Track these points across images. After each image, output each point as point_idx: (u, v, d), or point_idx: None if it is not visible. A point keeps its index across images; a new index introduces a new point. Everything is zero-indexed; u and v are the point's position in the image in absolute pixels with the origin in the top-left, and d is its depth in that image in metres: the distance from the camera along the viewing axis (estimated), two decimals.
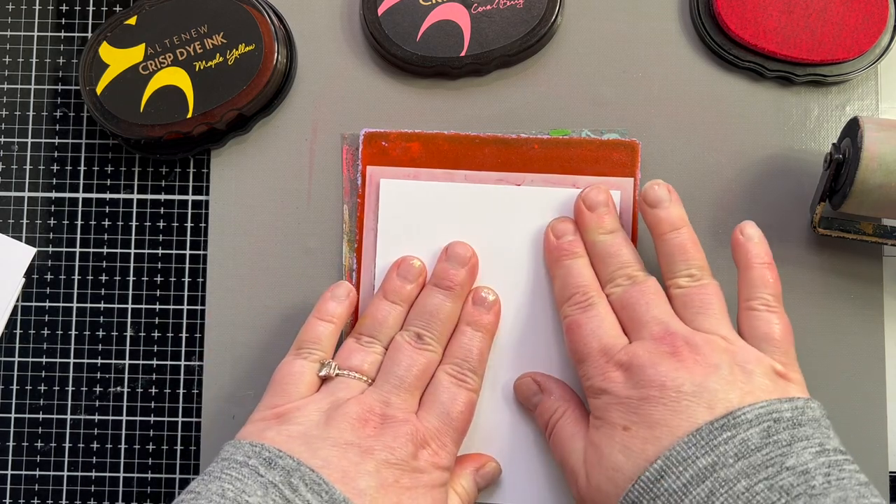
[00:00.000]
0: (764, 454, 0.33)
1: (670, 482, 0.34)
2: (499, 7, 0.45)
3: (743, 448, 0.34)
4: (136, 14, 0.45)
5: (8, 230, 0.47)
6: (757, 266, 0.40)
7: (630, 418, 0.37)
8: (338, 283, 0.43)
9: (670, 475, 0.34)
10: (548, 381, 0.43)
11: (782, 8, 0.45)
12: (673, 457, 0.34)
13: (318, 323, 0.42)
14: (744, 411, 0.35)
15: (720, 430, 0.34)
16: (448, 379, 0.41)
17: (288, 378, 0.41)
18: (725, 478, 0.33)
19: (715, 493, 0.33)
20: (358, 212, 0.45)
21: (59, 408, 0.46)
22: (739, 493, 0.33)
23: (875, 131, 0.40)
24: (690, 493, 0.33)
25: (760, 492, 0.32)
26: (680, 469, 0.34)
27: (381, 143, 0.45)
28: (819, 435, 0.35)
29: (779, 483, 0.32)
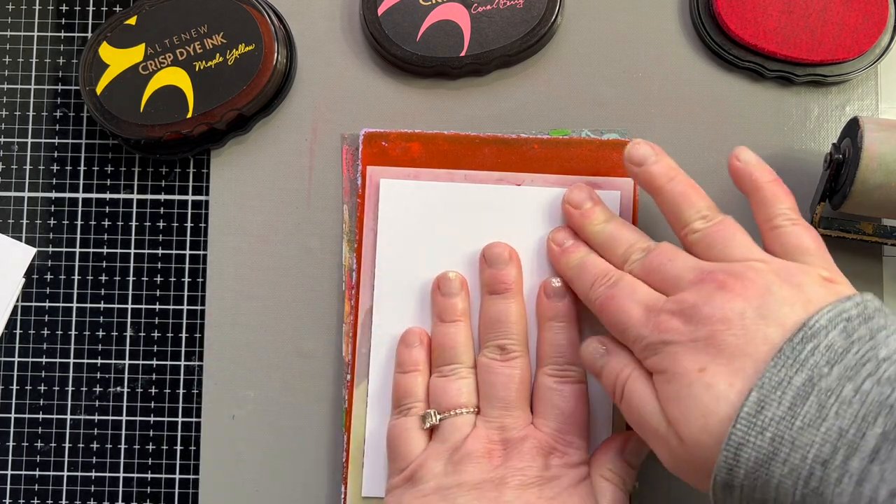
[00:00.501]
0: (854, 354, 0.32)
1: (773, 410, 0.31)
2: (499, 7, 0.45)
3: (832, 354, 0.32)
4: (136, 14, 0.45)
5: (8, 230, 0.47)
6: (766, 185, 0.39)
7: (703, 359, 0.34)
8: (406, 331, 0.44)
9: (771, 403, 0.32)
10: (613, 342, 0.39)
11: (782, 8, 0.45)
12: (766, 384, 0.32)
13: (404, 377, 0.43)
14: (815, 319, 0.33)
15: (802, 343, 0.32)
16: (551, 381, 0.41)
17: (399, 440, 0.41)
18: (829, 387, 0.31)
19: (824, 405, 0.31)
20: (358, 212, 0.45)
21: (59, 408, 0.46)
22: (850, 398, 0.31)
23: (875, 131, 0.40)
24: (798, 413, 0.31)
25: (870, 390, 0.31)
26: (779, 393, 0.32)
27: (381, 143, 0.45)
28: (892, 321, 0.33)
29: (884, 376, 0.31)
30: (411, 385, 0.42)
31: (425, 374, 0.43)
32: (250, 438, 0.45)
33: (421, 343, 0.43)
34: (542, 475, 0.39)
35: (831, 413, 0.31)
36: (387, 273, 0.44)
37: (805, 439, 0.31)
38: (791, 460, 0.31)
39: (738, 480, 0.32)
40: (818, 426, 0.31)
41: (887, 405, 0.30)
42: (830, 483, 0.30)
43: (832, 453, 0.30)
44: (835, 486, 0.30)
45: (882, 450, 0.29)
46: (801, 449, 0.31)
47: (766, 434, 0.31)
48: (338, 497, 0.44)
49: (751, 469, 0.32)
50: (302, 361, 0.46)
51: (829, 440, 0.30)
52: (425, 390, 0.42)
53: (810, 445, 0.31)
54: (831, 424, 0.30)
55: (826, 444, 0.30)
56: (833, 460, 0.30)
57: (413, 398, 0.42)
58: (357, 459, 0.44)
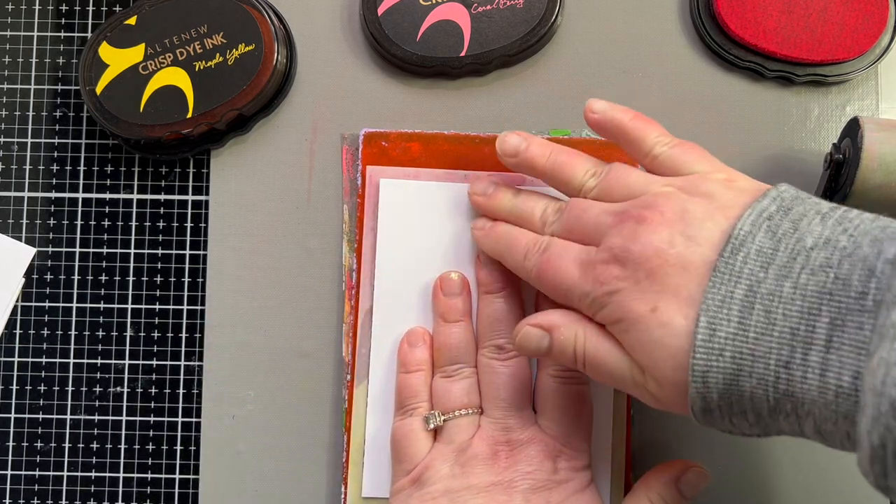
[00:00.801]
0: (784, 251, 0.32)
1: (725, 329, 0.32)
2: (499, 7, 0.45)
3: (763, 257, 0.32)
4: (136, 14, 0.45)
5: (8, 230, 0.47)
6: (629, 123, 0.39)
7: (650, 297, 0.34)
8: (409, 331, 0.43)
9: (720, 322, 0.32)
10: (544, 316, 0.38)
11: (782, 8, 0.45)
12: (711, 305, 0.32)
13: (408, 376, 0.42)
14: (739, 227, 0.33)
15: (732, 254, 0.32)
16: (555, 382, 0.41)
17: (404, 441, 0.41)
18: (769, 291, 0.31)
19: (770, 310, 0.31)
20: (358, 212, 0.45)
21: (58, 408, 0.46)
22: (791, 296, 0.31)
23: (875, 131, 0.40)
24: (749, 325, 0.31)
25: (808, 282, 0.31)
26: (725, 311, 0.32)
27: (381, 143, 0.45)
28: (810, 206, 0.33)
29: (816, 264, 0.31)
30: (416, 385, 0.42)
31: (429, 373, 0.43)
32: (250, 438, 0.45)
33: (424, 343, 0.43)
34: (551, 479, 0.39)
35: (779, 316, 0.31)
36: (387, 273, 0.44)
37: (762, 348, 0.31)
38: (756, 371, 0.31)
39: (713, 403, 0.32)
40: (771, 332, 0.31)
41: (827, 292, 0.30)
42: (797, 381, 0.30)
43: (791, 354, 0.30)
44: (801, 384, 0.30)
45: (834, 338, 0.29)
46: (762, 358, 0.31)
47: (726, 354, 0.32)
48: (338, 497, 0.44)
49: (722, 391, 0.32)
50: (302, 361, 0.46)
51: (784, 342, 0.31)
52: (429, 390, 0.42)
53: (769, 352, 0.31)
54: (782, 327, 0.31)
55: (783, 347, 0.31)
56: (793, 360, 0.30)
57: (418, 398, 0.42)
58: (357, 460, 0.44)
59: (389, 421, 0.43)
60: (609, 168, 0.38)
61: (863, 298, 0.29)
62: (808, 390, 0.30)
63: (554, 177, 0.40)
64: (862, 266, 0.30)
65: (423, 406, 0.42)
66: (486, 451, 0.39)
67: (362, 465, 0.44)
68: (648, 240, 0.34)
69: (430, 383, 0.42)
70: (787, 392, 0.31)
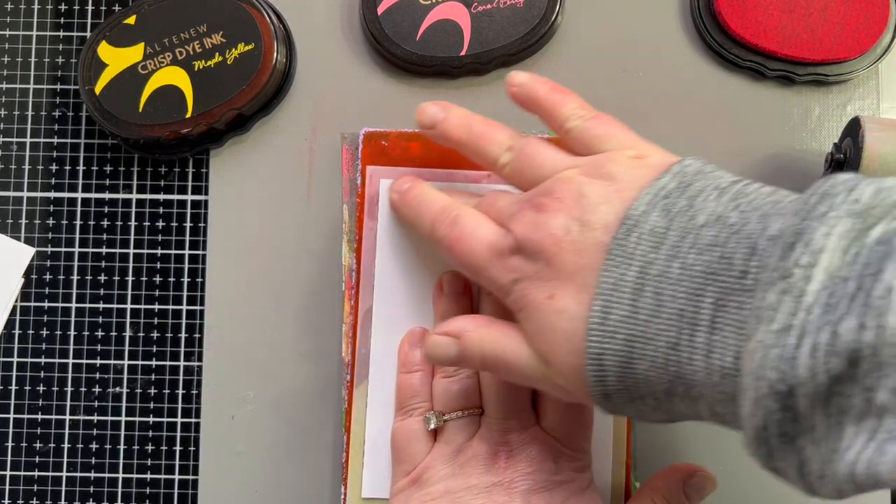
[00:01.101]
0: (675, 230, 0.31)
1: (617, 311, 0.31)
2: (499, 6, 0.45)
3: (655, 237, 0.31)
4: (136, 13, 0.45)
5: (7, 230, 0.47)
6: (546, 95, 0.38)
7: (549, 285, 0.33)
8: (410, 331, 0.43)
9: (613, 304, 0.31)
10: (451, 323, 0.38)
11: (783, 7, 0.45)
12: (605, 288, 0.32)
13: (408, 377, 0.42)
14: (633, 208, 0.32)
15: (626, 235, 0.32)
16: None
17: (404, 441, 0.41)
18: (659, 272, 0.31)
19: (660, 291, 0.31)
20: (358, 212, 0.45)
21: (58, 408, 0.46)
22: (679, 276, 0.30)
23: (876, 131, 0.40)
24: (640, 307, 0.31)
25: (695, 262, 0.30)
26: (618, 294, 0.31)
27: (381, 142, 0.45)
28: (710, 180, 0.33)
29: (703, 243, 0.30)
30: (415, 385, 0.42)
31: (429, 374, 0.42)
32: (250, 438, 0.45)
33: (423, 342, 0.43)
34: (551, 479, 0.38)
35: (667, 297, 0.30)
36: (387, 273, 0.44)
37: (652, 330, 0.31)
38: (647, 353, 0.31)
39: (612, 388, 0.32)
40: (659, 314, 0.31)
41: (711, 272, 0.30)
42: (685, 363, 0.30)
43: (678, 335, 0.30)
44: (689, 365, 0.30)
45: (717, 318, 0.29)
46: (652, 340, 0.31)
47: (618, 337, 0.31)
48: (338, 497, 0.44)
49: (618, 374, 0.32)
50: (302, 361, 0.45)
51: (672, 324, 0.30)
52: (427, 387, 0.42)
53: (658, 334, 0.30)
54: (670, 308, 0.30)
55: (671, 329, 0.30)
56: (681, 342, 0.30)
57: (418, 398, 0.42)
58: (357, 460, 0.44)
59: (389, 421, 0.43)
60: (524, 142, 0.38)
61: (743, 277, 0.29)
62: (696, 372, 0.30)
63: (471, 148, 0.40)
64: (746, 243, 0.29)
65: (422, 406, 0.42)
66: (487, 451, 0.39)
67: (362, 466, 0.44)
68: (546, 227, 0.34)
69: (431, 383, 0.42)
70: (677, 374, 0.30)
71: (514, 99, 0.39)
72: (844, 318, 0.25)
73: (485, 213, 0.38)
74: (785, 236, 0.28)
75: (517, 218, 0.36)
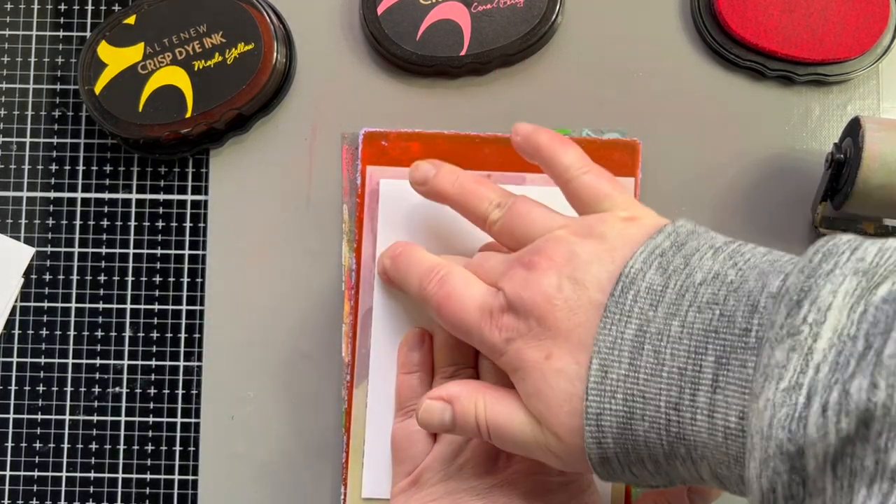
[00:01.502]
0: (673, 288, 0.31)
1: (616, 370, 0.31)
2: (499, 6, 0.45)
3: (653, 295, 0.31)
4: (135, 13, 0.45)
5: (7, 230, 0.47)
6: (546, 144, 0.38)
7: (545, 344, 0.33)
8: (409, 333, 0.43)
9: (612, 364, 0.31)
10: (445, 388, 0.38)
11: (783, 7, 0.45)
12: (603, 346, 0.32)
13: (408, 377, 0.42)
14: (629, 266, 0.32)
15: (622, 294, 0.32)
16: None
17: (404, 442, 0.41)
18: (658, 330, 0.31)
19: (659, 350, 0.30)
20: (358, 212, 0.45)
21: (57, 408, 0.46)
22: (678, 335, 0.30)
23: (876, 131, 0.40)
24: (639, 366, 0.31)
25: (694, 320, 0.30)
26: (616, 352, 0.31)
27: (380, 142, 0.45)
28: (704, 240, 0.33)
29: (703, 301, 0.30)
30: (415, 386, 0.42)
31: (428, 374, 0.42)
32: (250, 439, 0.45)
33: (423, 344, 0.43)
34: (552, 480, 0.38)
35: (667, 355, 0.30)
36: None
37: (652, 389, 0.30)
38: (648, 414, 0.31)
39: (610, 450, 0.32)
40: (660, 373, 0.30)
41: (712, 330, 0.30)
42: (687, 423, 0.30)
43: (679, 395, 0.30)
44: (691, 426, 0.30)
45: (720, 377, 0.29)
46: (653, 400, 0.30)
47: (618, 396, 0.31)
48: (338, 497, 0.44)
49: (616, 435, 0.31)
50: (302, 361, 0.45)
51: (673, 383, 0.30)
52: (427, 388, 0.42)
53: (658, 393, 0.30)
54: (671, 367, 0.30)
55: (672, 388, 0.30)
56: (682, 401, 0.30)
57: (416, 399, 0.41)
58: (357, 460, 0.44)
59: (389, 421, 0.43)
60: (514, 201, 0.38)
61: (746, 335, 0.29)
62: (699, 432, 0.29)
63: (461, 205, 0.40)
64: (746, 301, 0.29)
65: None
66: (486, 452, 0.39)
67: (362, 466, 0.44)
68: (536, 286, 0.34)
69: (430, 384, 0.42)
70: (679, 435, 0.30)
71: (517, 148, 0.40)
72: (855, 377, 0.25)
73: (474, 273, 0.38)
74: (790, 294, 0.28)
75: (508, 276, 0.36)
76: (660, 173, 0.46)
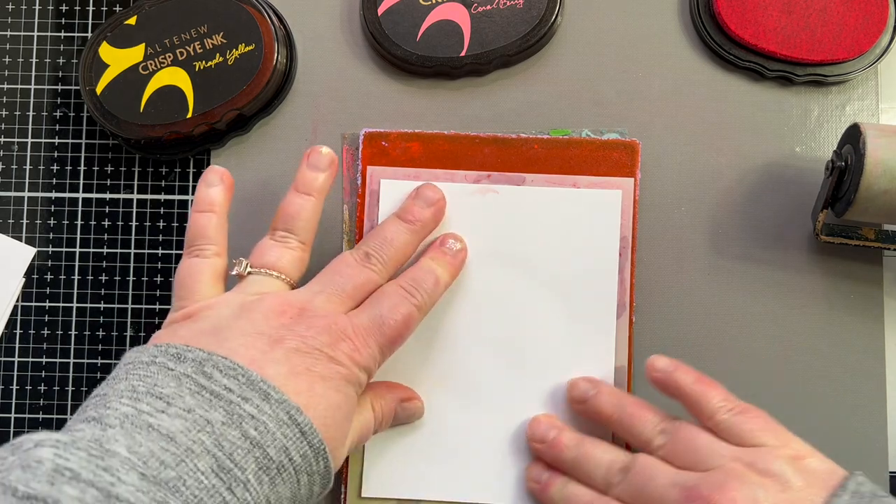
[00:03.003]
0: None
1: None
2: (499, 7, 0.45)
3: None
4: (136, 14, 0.45)
5: (8, 230, 0.47)
6: (690, 387, 0.39)
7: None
8: (209, 168, 0.42)
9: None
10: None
11: (782, 8, 0.45)
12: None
13: (199, 216, 0.41)
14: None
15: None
16: (395, 288, 0.40)
17: (188, 280, 0.39)
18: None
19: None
20: (358, 212, 0.45)
21: (59, 408, 0.46)
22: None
23: (877, 137, 0.40)
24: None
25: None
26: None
27: (381, 143, 0.45)
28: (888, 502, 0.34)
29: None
30: (204, 225, 0.40)
31: (222, 217, 0.41)
32: None
33: (222, 183, 0.41)
34: (323, 351, 0.37)
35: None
36: None
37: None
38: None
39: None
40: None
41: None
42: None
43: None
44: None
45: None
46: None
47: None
48: (338, 496, 0.44)
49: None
50: None
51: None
52: (220, 234, 0.41)
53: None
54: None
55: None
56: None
57: (204, 240, 0.40)
58: (356, 459, 0.44)
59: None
60: (677, 426, 0.39)
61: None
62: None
63: (622, 427, 0.41)
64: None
65: (211, 248, 0.40)
66: (275, 306, 0.38)
67: (362, 465, 0.44)
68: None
69: (224, 230, 0.41)
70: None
71: (656, 384, 0.40)
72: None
73: (634, 497, 0.38)
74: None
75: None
76: (659, 173, 0.46)
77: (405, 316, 0.39)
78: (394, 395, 0.42)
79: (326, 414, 0.35)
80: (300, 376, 0.35)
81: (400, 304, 0.39)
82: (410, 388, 0.44)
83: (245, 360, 0.35)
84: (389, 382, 0.43)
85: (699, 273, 0.45)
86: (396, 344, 0.39)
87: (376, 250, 0.41)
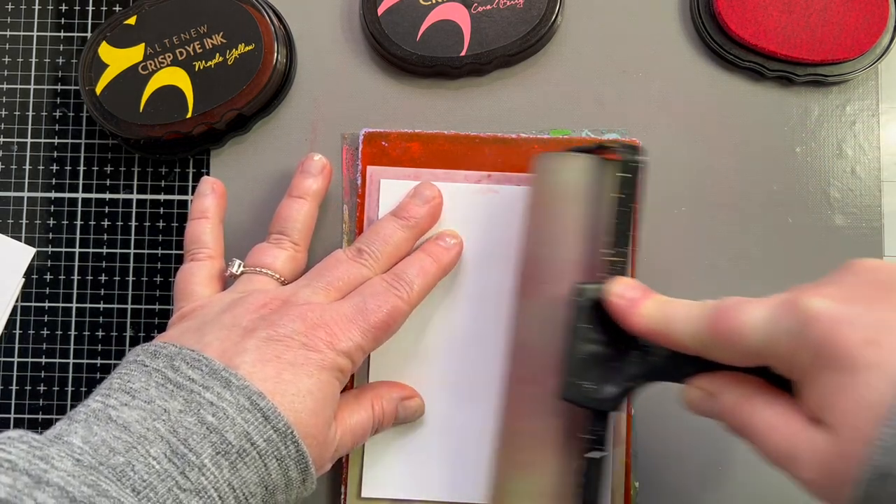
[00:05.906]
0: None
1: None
2: (499, 7, 0.45)
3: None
4: (136, 14, 0.45)
5: (8, 230, 0.47)
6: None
7: (868, 333, 0.28)
8: (202, 179, 0.44)
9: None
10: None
11: (782, 8, 0.45)
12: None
13: (193, 223, 0.43)
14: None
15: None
16: (380, 281, 0.40)
17: (182, 283, 0.41)
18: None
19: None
20: (358, 212, 0.45)
21: (59, 408, 0.46)
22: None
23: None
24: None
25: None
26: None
27: (381, 143, 0.45)
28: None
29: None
30: (198, 231, 0.43)
31: (216, 223, 0.43)
32: None
33: (213, 192, 0.43)
34: (294, 338, 0.37)
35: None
36: None
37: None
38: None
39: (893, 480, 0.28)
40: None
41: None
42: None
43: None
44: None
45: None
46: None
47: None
48: (338, 497, 0.44)
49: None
50: None
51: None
52: (215, 239, 0.43)
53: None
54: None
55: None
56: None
57: (199, 243, 0.42)
58: (356, 460, 0.44)
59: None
60: None
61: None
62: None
63: None
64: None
65: (203, 252, 0.42)
66: (259, 300, 0.38)
67: (362, 465, 0.44)
68: None
69: (218, 235, 0.43)
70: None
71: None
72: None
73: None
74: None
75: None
76: (659, 173, 0.46)
77: (389, 305, 0.39)
78: (394, 393, 0.42)
79: (296, 399, 0.36)
80: (268, 363, 0.36)
81: (384, 292, 0.39)
82: (410, 387, 0.44)
83: (217, 352, 0.36)
84: (389, 381, 0.43)
85: (699, 273, 0.45)
86: (382, 332, 0.39)
87: (369, 246, 0.41)
